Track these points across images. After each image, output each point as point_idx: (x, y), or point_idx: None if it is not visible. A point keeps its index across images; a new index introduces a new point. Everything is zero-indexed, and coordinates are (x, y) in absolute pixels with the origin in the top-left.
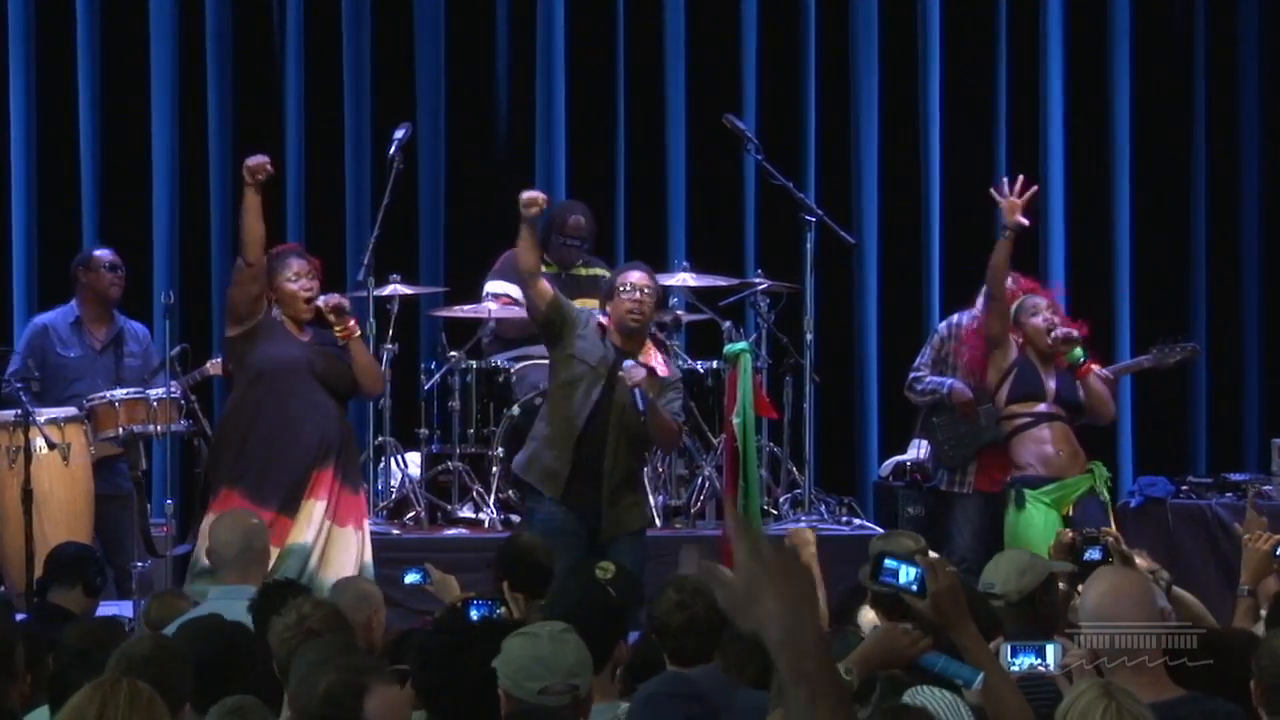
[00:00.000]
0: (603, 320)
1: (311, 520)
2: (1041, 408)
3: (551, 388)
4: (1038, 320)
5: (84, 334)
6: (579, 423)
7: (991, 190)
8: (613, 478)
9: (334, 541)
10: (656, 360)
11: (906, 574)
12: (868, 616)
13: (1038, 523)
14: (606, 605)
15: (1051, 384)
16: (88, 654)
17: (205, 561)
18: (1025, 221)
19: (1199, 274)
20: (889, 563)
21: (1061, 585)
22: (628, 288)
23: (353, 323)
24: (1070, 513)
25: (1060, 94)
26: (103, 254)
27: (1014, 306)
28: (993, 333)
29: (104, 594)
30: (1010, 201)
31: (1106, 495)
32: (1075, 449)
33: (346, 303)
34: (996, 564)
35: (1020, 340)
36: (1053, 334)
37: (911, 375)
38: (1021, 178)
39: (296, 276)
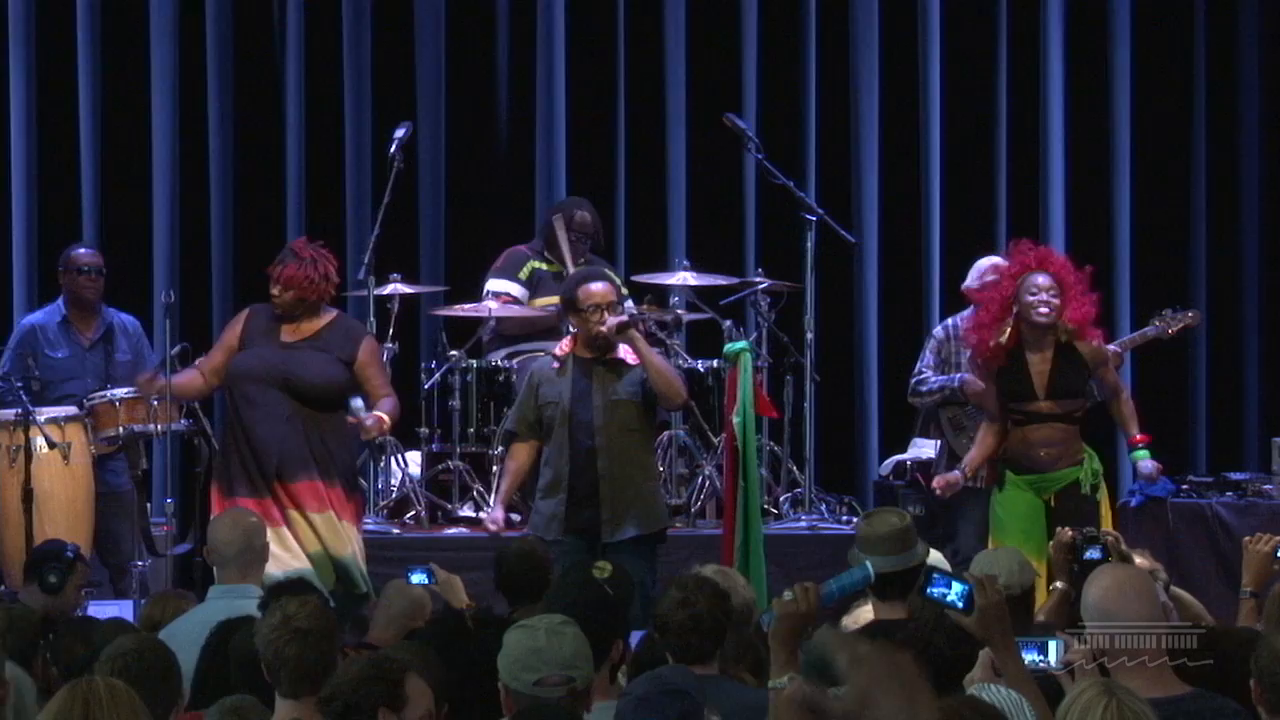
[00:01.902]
0: (558, 350)
1: (320, 530)
2: (1032, 407)
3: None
4: (1032, 298)
5: (72, 333)
6: (565, 460)
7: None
8: (612, 479)
9: (348, 539)
10: (624, 350)
11: (956, 589)
12: (865, 614)
13: (1017, 504)
14: (603, 604)
15: (1045, 373)
16: (96, 655)
17: None
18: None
19: (1199, 273)
20: (938, 577)
21: (1060, 584)
22: (592, 308)
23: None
24: (1053, 501)
25: (1060, 94)
26: (78, 254)
27: (1018, 283)
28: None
29: (102, 593)
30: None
31: (1088, 489)
32: (1066, 449)
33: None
34: (996, 557)
35: (1013, 324)
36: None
37: (914, 379)
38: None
39: (273, 284)
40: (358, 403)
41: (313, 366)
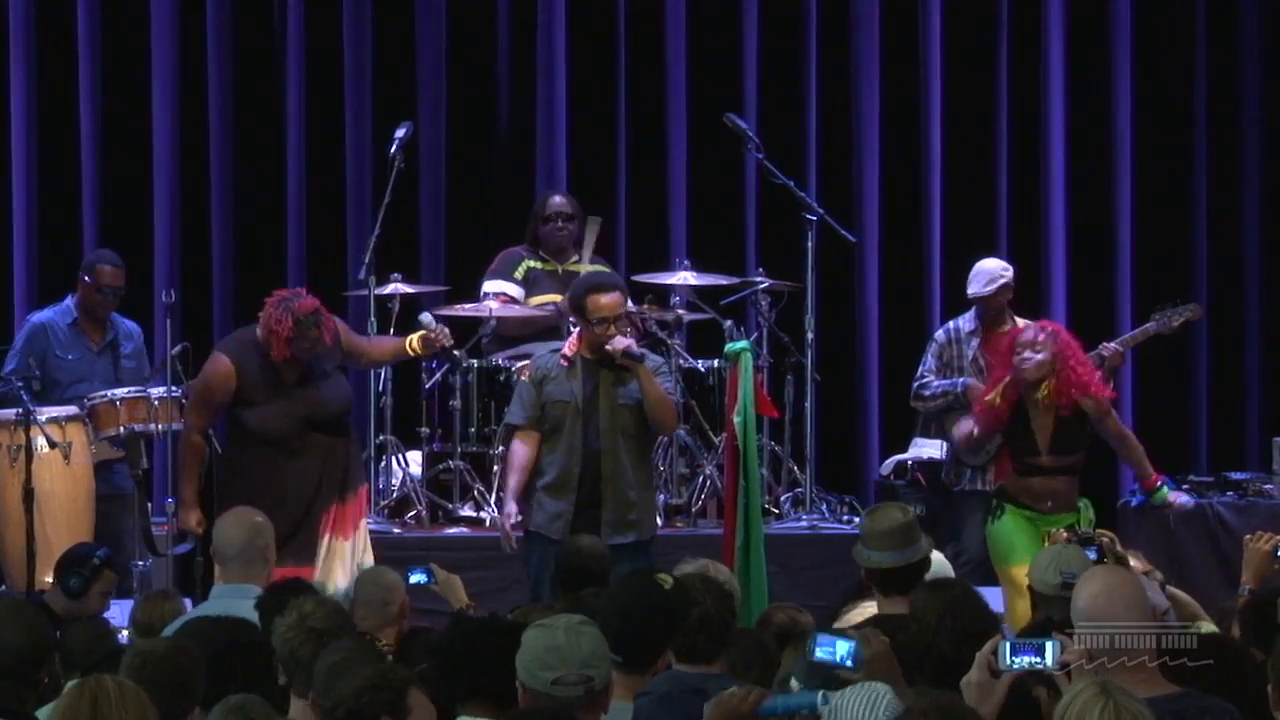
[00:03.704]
0: (566, 351)
1: (328, 555)
2: (1036, 462)
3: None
4: (1018, 358)
5: (81, 336)
6: (575, 460)
7: None
8: (614, 482)
9: (333, 554)
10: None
11: (842, 648)
12: (867, 611)
13: (1018, 528)
14: (666, 608)
15: (1046, 434)
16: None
17: None
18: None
19: (1200, 273)
20: (823, 638)
21: None
22: (599, 320)
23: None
24: (1046, 542)
25: (1060, 93)
26: (104, 270)
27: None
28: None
29: None
30: None
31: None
32: (1068, 498)
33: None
34: (1068, 554)
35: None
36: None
37: (917, 384)
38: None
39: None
40: (426, 317)
41: (331, 397)
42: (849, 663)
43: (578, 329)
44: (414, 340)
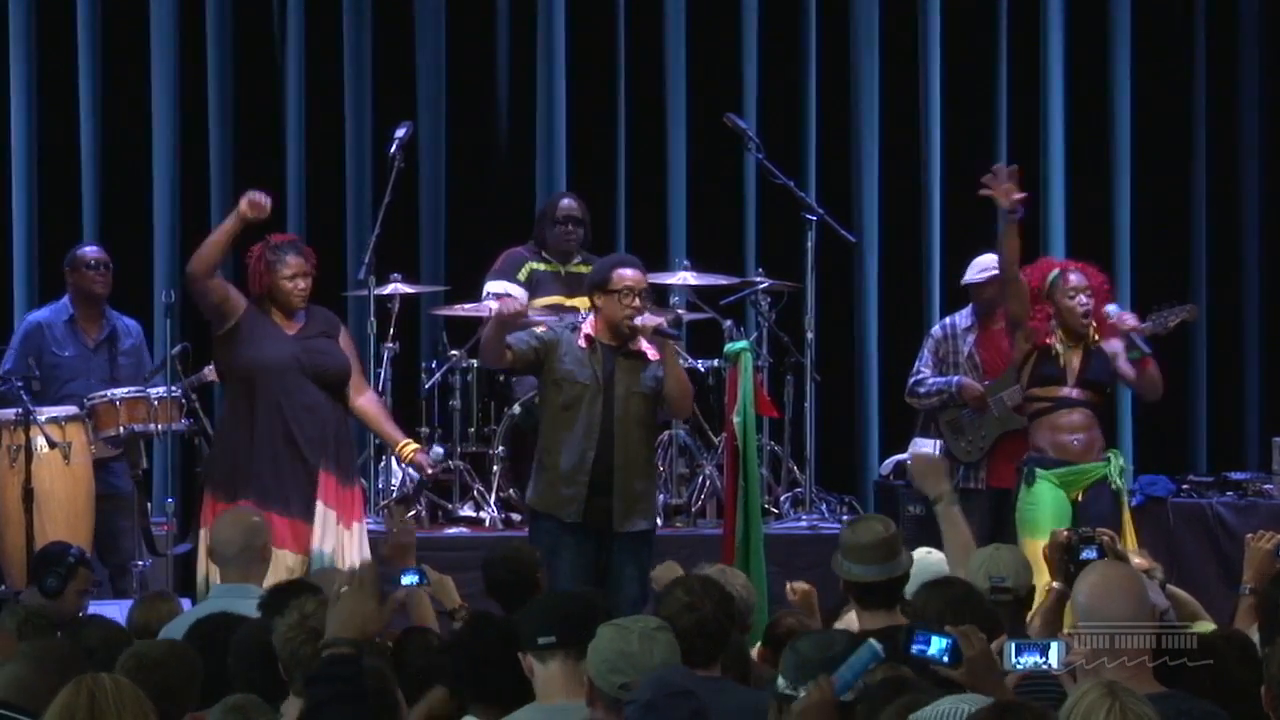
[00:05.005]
0: (588, 330)
1: (326, 526)
2: (1062, 392)
3: (547, 413)
4: (1072, 302)
5: (78, 333)
6: (591, 443)
7: (982, 184)
8: (625, 469)
9: (345, 545)
10: (645, 345)
11: (938, 644)
12: (852, 620)
13: (1046, 501)
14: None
15: (1075, 365)
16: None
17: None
18: (1021, 197)
19: (1199, 273)
20: (919, 634)
21: (1057, 584)
22: (624, 292)
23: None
24: (1080, 498)
25: (1061, 93)
26: (86, 251)
27: (1049, 278)
28: (1013, 312)
29: (101, 592)
30: (1000, 188)
31: (1119, 483)
32: (1093, 437)
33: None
34: (999, 557)
35: (1050, 315)
36: (1090, 316)
37: (912, 380)
38: (1003, 167)
39: (293, 275)
40: (439, 452)
41: (331, 355)
42: (945, 659)
43: (592, 313)
44: (410, 450)
